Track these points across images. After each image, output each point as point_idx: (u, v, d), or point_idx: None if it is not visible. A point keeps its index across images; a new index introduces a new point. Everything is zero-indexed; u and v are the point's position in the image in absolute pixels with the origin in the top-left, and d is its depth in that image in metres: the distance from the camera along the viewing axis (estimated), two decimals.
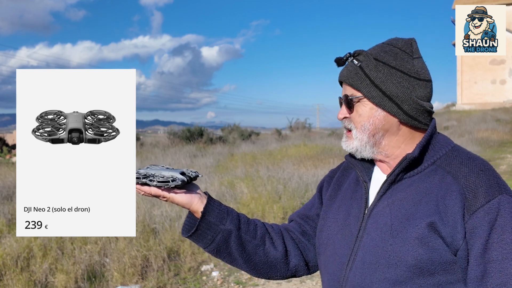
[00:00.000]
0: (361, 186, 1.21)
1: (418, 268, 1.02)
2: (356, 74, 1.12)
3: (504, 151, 14.27)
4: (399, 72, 1.10)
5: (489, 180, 1.04)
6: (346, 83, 1.14)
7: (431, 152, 1.12)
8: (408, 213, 1.07)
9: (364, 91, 1.11)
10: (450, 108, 31.48)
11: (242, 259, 1.26)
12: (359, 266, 1.10)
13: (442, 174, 1.08)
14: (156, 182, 1.16)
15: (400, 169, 1.10)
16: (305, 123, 28.70)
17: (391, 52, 1.12)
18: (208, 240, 1.22)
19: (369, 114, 1.11)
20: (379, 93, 1.10)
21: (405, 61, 1.11)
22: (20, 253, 4.88)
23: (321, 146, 15.19)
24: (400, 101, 1.10)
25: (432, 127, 1.15)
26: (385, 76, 1.10)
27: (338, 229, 1.20)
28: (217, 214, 1.22)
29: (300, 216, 1.37)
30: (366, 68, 1.11)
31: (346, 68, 1.15)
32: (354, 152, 1.16)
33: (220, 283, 4.76)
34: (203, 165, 11.99)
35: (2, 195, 8.96)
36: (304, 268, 1.33)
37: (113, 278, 4.58)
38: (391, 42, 1.15)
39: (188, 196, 1.20)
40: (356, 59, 1.14)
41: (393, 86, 1.10)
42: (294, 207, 6.81)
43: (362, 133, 1.13)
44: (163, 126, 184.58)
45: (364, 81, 1.11)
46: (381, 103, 1.10)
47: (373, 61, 1.11)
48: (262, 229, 1.29)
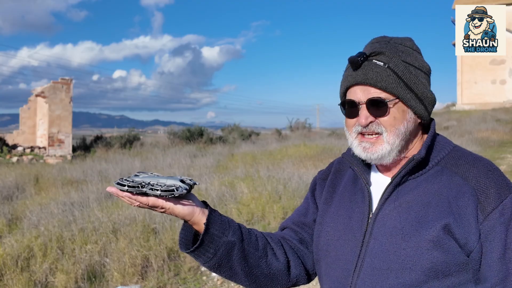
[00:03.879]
0: (361, 189, 1.17)
1: (434, 271, 1.01)
2: (388, 76, 1.06)
3: (504, 151, 14.26)
4: (422, 72, 1.11)
5: (499, 180, 1.05)
6: (375, 86, 1.07)
7: (434, 153, 1.12)
8: (419, 216, 1.04)
9: (400, 94, 1.07)
10: (450, 108, 31.45)
11: (244, 273, 1.18)
12: (369, 273, 1.07)
13: (450, 174, 1.07)
14: (160, 191, 1.02)
15: (406, 171, 1.08)
16: (305, 123, 28.68)
17: (408, 53, 1.10)
18: (210, 254, 1.13)
19: (402, 117, 1.08)
20: (412, 95, 1.08)
21: (421, 61, 1.12)
22: (20, 253, 4.88)
23: (321, 146, 15.18)
24: (427, 102, 1.11)
25: (434, 128, 1.15)
26: (415, 78, 1.08)
27: (340, 234, 1.16)
28: (219, 225, 1.14)
29: (295, 223, 1.31)
30: (398, 70, 1.07)
31: (370, 71, 1.07)
32: (378, 159, 1.10)
33: (220, 283, 4.75)
34: (203, 165, 11.98)
35: (2, 195, 8.96)
36: (305, 277, 1.29)
37: (113, 278, 4.58)
38: (398, 42, 1.12)
39: (190, 207, 1.10)
40: (376, 60, 1.08)
41: (422, 87, 1.10)
42: (294, 207, 6.80)
43: (395, 136, 1.08)
44: (163, 126, 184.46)
45: (399, 84, 1.07)
46: (414, 105, 1.09)
47: (401, 62, 1.08)
48: (263, 240, 1.23)
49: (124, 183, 1.04)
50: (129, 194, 1.04)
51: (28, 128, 22.10)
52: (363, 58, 1.08)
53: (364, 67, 1.08)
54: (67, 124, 21.08)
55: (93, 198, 7.64)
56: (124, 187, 1.03)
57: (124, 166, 12.18)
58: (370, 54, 1.09)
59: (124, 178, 1.07)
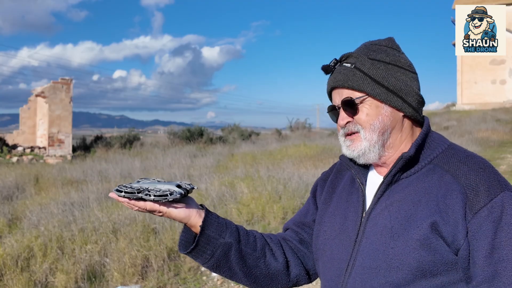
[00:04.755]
0: (357, 189, 1.19)
1: (421, 271, 1.01)
2: (354, 75, 1.10)
3: (504, 151, 14.26)
4: (395, 66, 1.11)
5: (490, 178, 1.02)
6: (344, 87, 1.11)
7: (427, 151, 1.11)
8: (408, 214, 1.05)
9: (368, 90, 1.09)
10: (450, 108, 31.44)
11: (243, 273, 1.22)
12: (359, 271, 1.08)
13: (441, 173, 1.06)
14: (153, 197, 1.09)
15: (396, 169, 1.09)
16: (305, 123, 28.68)
17: (380, 50, 1.13)
18: (207, 255, 1.18)
19: (376, 112, 1.09)
20: (383, 90, 1.09)
21: (397, 56, 1.13)
22: (20, 253, 4.88)
23: (321, 146, 15.18)
24: (404, 94, 1.10)
25: (427, 126, 1.14)
26: (384, 72, 1.10)
27: (336, 233, 1.18)
28: (216, 227, 1.18)
29: (296, 224, 1.33)
30: (363, 67, 1.10)
31: (338, 74, 1.12)
32: (360, 155, 1.12)
33: (220, 283, 4.75)
34: (203, 165, 11.98)
35: (2, 195, 8.96)
36: (305, 277, 1.31)
37: (113, 278, 4.58)
38: (373, 43, 1.16)
39: (185, 210, 1.15)
40: (346, 62, 1.12)
41: (394, 80, 1.10)
42: (294, 207, 6.81)
43: (371, 132, 1.09)
44: (163, 126, 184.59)
45: (365, 80, 1.09)
46: (387, 98, 1.09)
47: (367, 60, 1.10)
48: (261, 241, 1.26)
49: (122, 189, 1.12)
50: (127, 200, 1.11)
51: (28, 128, 22.11)
52: (334, 64, 1.14)
53: (335, 71, 1.14)
54: (67, 124, 21.09)
55: (93, 198, 7.64)
56: (122, 193, 1.11)
57: (124, 166, 12.18)
58: (340, 59, 1.15)
59: (123, 185, 1.14)
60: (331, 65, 1.14)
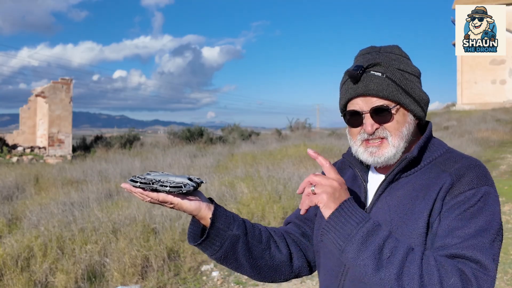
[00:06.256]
0: (359, 186, 1.25)
1: None
2: (388, 85, 1.14)
3: (504, 151, 14.26)
4: (414, 76, 1.18)
5: (477, 173, 1.10)
6: (378, 96, 1.14)
7: (427, 153, 1.18)
8: (407, 209, 1.12)
9: (401, 100, 1.14)
10: (450, 108, 31.46)
11: (249, 264, 1.26)
12: None
13: (438, 171, 1.14)
14: (169, 188, 1.11)
15: (399, 169, 1.16)
16: (305, 123, 28.68)
17: (400, 60, 1.18)
18: (216, 247, 1.21)
19: (403, 120, 1.16)
20: (411, 99, 1.16)
21: (411, 65, 1.20)
22: (20, 253, 4.88)
23: (321, 146, 15.18)
24: (423, 103, 1.19)
25: (430, 130, 1.22)
26: (411, 83, 1.16)
27: None
28: (224, 220, 1.22)
29: (298, 218, 1.39)
30: (395, 78, 1.14)
31: (370, 82, 1.14)
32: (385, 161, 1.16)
33: (220, 283, 4.76)
34: (203, 165, 11.98)
35: (2, 195, 8.96)
36: (307, 269, 1.37)
37: (113, 278, 4.58)
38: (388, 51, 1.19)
39: (197, 202, 1.18)
40: (374, 71, 1.14)
41: (418, 90, 1.17)
42: (294, 207, 6.81)
43: (400, 139, 1.15)
44: (163, 126, 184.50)
45: (398, 91, 1.14)
46: (413, 108, 1.16)
47: (397, 70, 1.15)
48: (266, 233, 1.31)
49: (137, 179, 1.13)
50: (141, 190, 1.13)
51: (28, 128, 22.10)
52: (362, 71, 1.15)
53: (363, 79, 1.15)
54: (67, 124, 21.09)
55: (93, 198, 7.64)
56: (137, 183, 1.12)
57: (124, 166, 12.17)
58: (367, 66, 1.15)
59: (137, 176, 1.16)
60: (358, 73, 1.15)
